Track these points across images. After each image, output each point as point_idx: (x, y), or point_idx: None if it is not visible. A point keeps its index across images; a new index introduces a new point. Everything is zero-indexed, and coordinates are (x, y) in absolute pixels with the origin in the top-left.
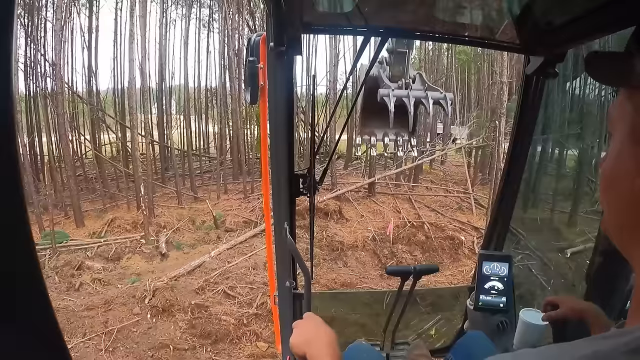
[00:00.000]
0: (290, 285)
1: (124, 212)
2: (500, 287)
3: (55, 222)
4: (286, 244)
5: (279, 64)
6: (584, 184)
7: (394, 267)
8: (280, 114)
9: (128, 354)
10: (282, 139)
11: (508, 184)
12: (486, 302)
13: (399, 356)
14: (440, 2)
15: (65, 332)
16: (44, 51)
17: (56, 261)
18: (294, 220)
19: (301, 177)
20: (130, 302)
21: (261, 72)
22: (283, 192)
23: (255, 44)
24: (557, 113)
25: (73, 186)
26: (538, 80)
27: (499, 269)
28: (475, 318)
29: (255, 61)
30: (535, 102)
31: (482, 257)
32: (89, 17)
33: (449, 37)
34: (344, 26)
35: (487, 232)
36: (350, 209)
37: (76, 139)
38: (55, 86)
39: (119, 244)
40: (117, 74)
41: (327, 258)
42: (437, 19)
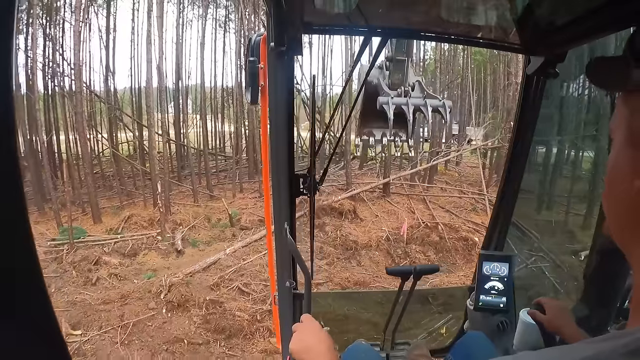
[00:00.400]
0: (291, 285)
1: (141, 209)
2: (501, 287)
3: (72, 218)
4: (286, 244)
5: (280, 64)
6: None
7: (394, 268)
8: (281, 114)
9: (143, 347)
10: (283, 139)
11: (508, 184)
12: (486, 302)
13: (399, 356)
14: (441, 3)
15: (82, 325)
16: (62, 51)
17: (74, 256)
18: (294, 220)
19: (301, 177)
20: (146, 296)
21: (261, 72)
22: (283, 192)
23: (255, 44)
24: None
25: (91, 183)
26: (539, 80)
27: (499, 269)
28: (475, 318)
29: (256, 61)
30: (536, 102)
31: (483, 257)
32: (107, 17)
33: (450, 37)
34: (344, 26)
35: (487, 232)
36: (365, 208)
37: (94, 137)
38: (74, 85)
39: (135, 241)
40: (134, 73)
41: (341, 257)
42: (437, 19)
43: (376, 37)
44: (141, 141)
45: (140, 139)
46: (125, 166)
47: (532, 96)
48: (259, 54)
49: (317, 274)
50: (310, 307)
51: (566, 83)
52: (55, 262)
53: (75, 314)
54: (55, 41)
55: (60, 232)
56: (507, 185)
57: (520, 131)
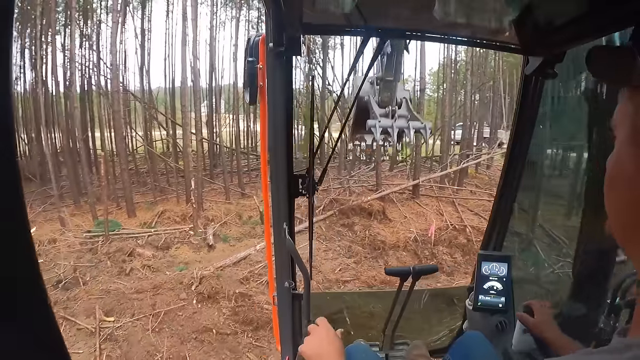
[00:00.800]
0: (290, 286)
1: (174, 205)
2: (499, 288)
3: (108, 212)
4: (285, 244)
5: (278, 64)
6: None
7: (392, 268)
8: (280, 114)
9: (173, 335)
10: (281, 140)
11: (507, 185)
12: (485, 303)
13: (398, 356)
14: (439, 3)
15: (115, 312)
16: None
17: (108, 247)
18: (293, 220)
19: (300, 178)
20: (177, 288)
21: (260, 72)
22: (282, 193)
23: (254, 45)
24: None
25: (126, 179)
26: (537, 80)
27: (498, 269)
28: (474, 318)
29: (255, 62)
30: (535, 102)
31: (481, 257)
32: (141, 19)
33: (449, 38)
34: (343, 27)
35: (486, 232)
36: (394, 210)
37: (129, 135)
38: (110, 85)
39: (168, 234)
40: (168, 73)
41: (369, 256)
42: (436, 19)
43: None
44: (175, 139)
45: (173, 137)
46: (159, 163)
47: (531, 97)
48: (257, 55)
49: (345, 272)
50: (309, 308)
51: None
52: (90, 252)
53: (109, 301)
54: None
55: (95, 225)
56: (506, 186)
57: (519, 132)
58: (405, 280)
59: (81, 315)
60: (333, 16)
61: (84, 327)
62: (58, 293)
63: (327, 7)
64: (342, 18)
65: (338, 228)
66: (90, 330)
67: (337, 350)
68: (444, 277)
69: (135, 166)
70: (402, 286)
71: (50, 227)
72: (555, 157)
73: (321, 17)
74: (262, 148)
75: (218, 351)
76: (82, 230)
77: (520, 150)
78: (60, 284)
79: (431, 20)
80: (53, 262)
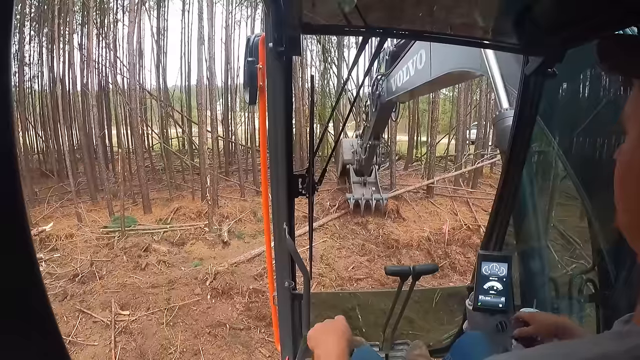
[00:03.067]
0: (289, 286)
1: (189, 202)
2: (499, 288)
3: (124, 208)
4: (285, 244)
5: (278, 64)
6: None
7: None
8: (279, 114)
9: (187, 329)
10: (281, 139)
11: (507, 185)
12: (485, 303)
13: (398, 356)
14: (439, 2)
15: (130, 306)
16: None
17: (124, 243)
18: (292, 220)
19: (300, 178)
20: (192, 283)
21: (260, 72)
22: (282, 193)
23: (254, 45)
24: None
25: (142, 176)
26: (537, 80)
27: (498, 269)
28: (474, 318)
29: (254, 61)
30: (534, 102)
31: (481, 257)
32: (157, 19)
33: (448, 37)
34: (343, 27)
35: (486, 232)
36: (408, 209)
37: (145, 132)
38: (126, 83)
39: (183, 231)
40: (184, 71)
41: (382, 255)
42: (436, 19)
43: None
44: (190, 137)
45: (189, 135)
46: (174, 161)
47: (531, 97)
48: (257, 54)
49: (358, 270)
50: (309, 308)
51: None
52: (106, 247)
53: (124, 295)
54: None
55: (112, 221)
56: (506, 186)
57: (519, 132)
58: (406, 280)
59: (97, 308)
60: (333, 16)
61: (99, 320)
62: (75, 286)
63: (327, 7)
64: (342, 18)
65: (352, 226)
66: (106, 323)
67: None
68: (456, 276)
69: (151, 163)
70: (402, 286)
71: (68, 222)
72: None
73: (321, 16)
74: (262, 148)
75: (231, 346)
76: (99, 225)
77: (520, 150)
78: (77, 277)
79: (431, 20)
80: (70, 256)
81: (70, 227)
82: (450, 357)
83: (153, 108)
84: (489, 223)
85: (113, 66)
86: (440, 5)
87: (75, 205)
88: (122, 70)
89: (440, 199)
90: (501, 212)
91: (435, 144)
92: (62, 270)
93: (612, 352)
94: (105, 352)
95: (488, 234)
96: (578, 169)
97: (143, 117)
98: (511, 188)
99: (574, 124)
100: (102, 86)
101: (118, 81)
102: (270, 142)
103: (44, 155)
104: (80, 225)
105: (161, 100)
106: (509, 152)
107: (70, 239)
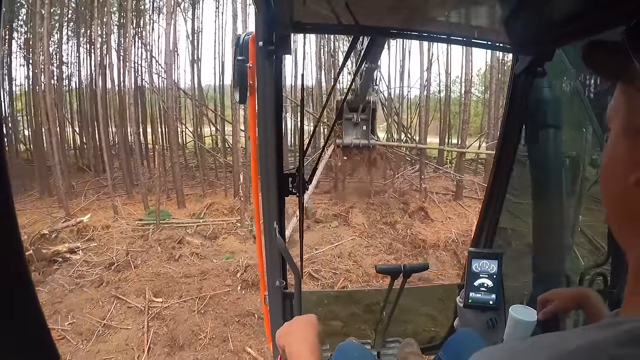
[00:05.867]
0: (280, 285)
1: (221, 198)
2: (490, 285)
3: (159, 202)
4: (276, 243)
5: (268, 63)
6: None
7: (383, 266)
8: (269, 113)
9: (217, 317)
10: (271, 139)
11: (496, 183)
12: (476, 300)
13: (390, 354)
14: (429, 2)
15: (163, 293)
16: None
17: (159, 235)
18: (283, 220)
19: (290, 177)
20: (223, 274)
21: (250, 71)
22: (272, 192)
23: (244, 43)
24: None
25: (177, 172)
26: (526, 79)
27: (488, 266)
28: (465, 315)
29: (245, 60)
30: (524, 101)
31: (472, 254)
32: (192, 20)
33: (439, 37)
34: (334, 26)
35: (476, 230)
36: (436, 210)
37: (180, 130)
38: (165, 83)
39: (216, 225)
40: (218, 71)
41: (409, 254)
42: (426, 19)
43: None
44: (224, 135)
45: (223, 134)
46: (208, 158)
47: (520, 96)
48: (247, 53)
49: None
50: (300, 306)
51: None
52: (141, 239)
53: (158, 284)
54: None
55: (147, 214)
56: (495, 184)
57: (508, 130)
58: (397, 278)
59: (132, 295)
60: (324, 15)
61: (134, 306)
62: (110, 274)
63: (318, 6)
64: (333, 17)
65: (380, 226)
66: (140, 309)
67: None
68: None
69: (185, 160)
70: (392, 284)
71: (104, 214)
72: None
73: (311, 15)
74: (252, 147)
75: (258, 334)
76: (134, 218)
77: (509, 149)
78: (113, 266)
79: (422, 20)
80: (106, 246)
81: (106, 219)
82: (442, 354)
83: (187, 107)
84: (478, 221)
85: (149, 66)
86: (431, 4)
87: (111, 198)
88: (158, 69)
89: (468, 200)
90: (491, 210)
91: (465, 147)
92: (99, 258)
93: (600, 340)
94: (138, 336)
95: (478, 231)
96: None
97: (178, 115)
98: (501, 186)
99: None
100: (138, 85)
101: (154, 80)
102: (260, 141)
103: (80, 150)
104: (116, 217)
105: (196, 99)
106: (498, 151)
107: (106, 230)
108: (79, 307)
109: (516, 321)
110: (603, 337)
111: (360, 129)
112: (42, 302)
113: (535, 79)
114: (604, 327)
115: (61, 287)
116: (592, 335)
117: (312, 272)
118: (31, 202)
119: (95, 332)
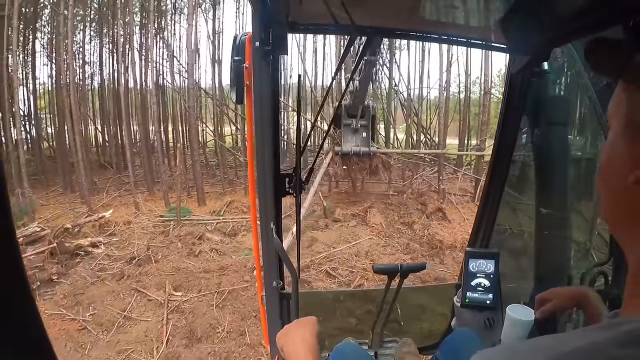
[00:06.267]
0: (278, 285)
1: (241, 196)
2: (487, 284)
3: (180, 199)
4: (273, 244)
5: (265, 63)
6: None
7: (380, 266)
8: (266, 113)
9: (235, 312)
10: (268, 139)
11: (493, 183)
12: (473, 299)
13: (387, 354)
14: (426, 2)
15: (183, 288)
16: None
17: (179, 231)
18: (280, 220)
19: (287, 177)
20: (242, 270)
21: (247, 71)
22: (269, 192)
23: (240, 43)
24: None
25: (198, 170)
26: (523, 79)
27: (485, 266)
28: (462, 315)
29: (241, 60)
30: (520, 101)
31: (469, 254)
32: (212, 20)
33: (435, 37)
34: (330, 26)
35: (473, 230)
36: (454, 211)
37: (201, 129)
38: (187, 82)
39: (235, 223)
40: None
41: (425, 254)
42: (423, 19)
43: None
44: (244, 135)
45: (243, 133)
46: (228, 157)
47: (517, 96)
48: (244, 53)
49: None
50: (297, 307)
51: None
52: (162, 234)
53: (178, 278)
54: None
55: (168, 210)
56: (492, 184)
57: (505, 131)
58: (393, 278)
59: (152, 288)
60: (320, 15)
61: (154, 299)
62: (131, 268)
63: (314, 6)
64: (329, 17)
65: (398, 226)
66: (160, 302)
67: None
68: None
69: (206, 159)
70: (390, 284)
71: (126, 210)
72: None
73: (308, 15)
74: (249, 147)
75: None
76: (155, 214)
77: (505, 149)
78: (134, 260)
79: (418, 20)
80: (127, 241)
81: (128, 215)
82: (440, 354)
83: (208, 106)
84: (475, 220)
85: (171, 66)
86: (428, 5)
87: (133, 195)
88: (179, 69)
89: None
90: (488, 209)
91: (485, 148)
92: (120, 253)
93: (600, 341)
94: (157, 328)
95: (475, 231)
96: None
97: (199, 114)
98: (497, 186)
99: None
100: (160, 84)
101: (175, 80)
102: (257, 141)
103: (102, 148)
104: (137, 213)
105: (216, 98)
106: (494, 150)
107: (128, 225)
108: (100, 299)
109: (514, 320)
110: (603, 338)
111: (360, 135)
112: (65, 294)
113: (532, 78)
114: (603, 328)
115: (83, 280)
116: (592, 336)
117: (329, 270)
118: (54, 197)
119: (115, 324)
